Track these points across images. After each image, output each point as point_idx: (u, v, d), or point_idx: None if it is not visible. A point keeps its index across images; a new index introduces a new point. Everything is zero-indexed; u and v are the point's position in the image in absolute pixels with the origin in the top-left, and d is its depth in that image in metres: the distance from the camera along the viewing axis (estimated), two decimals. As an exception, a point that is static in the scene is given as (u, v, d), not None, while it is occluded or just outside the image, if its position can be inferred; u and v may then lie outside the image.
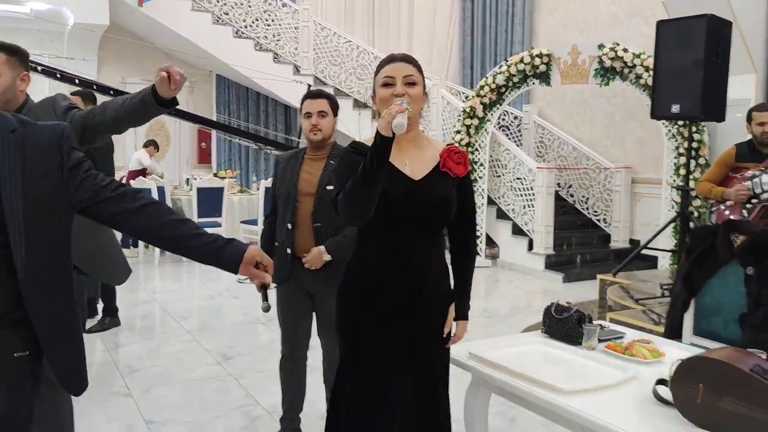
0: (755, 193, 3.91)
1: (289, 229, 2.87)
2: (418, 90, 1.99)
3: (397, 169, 2.01)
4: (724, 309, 3.12)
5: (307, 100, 2.91)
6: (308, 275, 2.86)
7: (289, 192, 2.89)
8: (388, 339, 2.04)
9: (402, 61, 2.01)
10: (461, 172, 2.07)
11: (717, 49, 5.04)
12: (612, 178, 8.07)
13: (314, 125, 2.85)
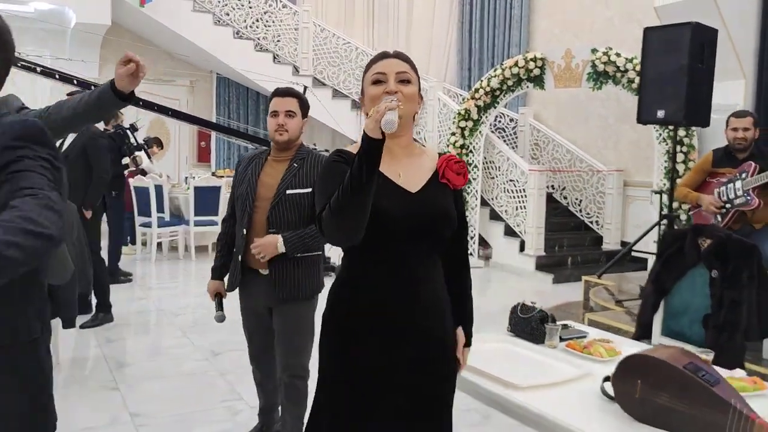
0: (728, 198, 3.99)
1: (243, 234, 2.71)
2: (413, 89, 1.77)
3: (390, 180, 1.77)
4: (691, 310, 3.22)
5: (274, 98, 2.75)
6: (264, 287, 2.70)
7: (247, 195, 2.72)
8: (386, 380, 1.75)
9: (395, 58, 1.79)
10: (461, 183, 1.87)
11: (702, 56, 5.13)
12: (604, 181, 8.15)
13: (280, 125, 2.68)
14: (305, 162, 2.74)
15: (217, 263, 2.91)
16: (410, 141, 1.86)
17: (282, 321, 2.76)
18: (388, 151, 1.69)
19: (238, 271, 2.77)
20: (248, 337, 2.94)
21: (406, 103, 1.72)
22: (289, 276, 2.69)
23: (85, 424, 3.33)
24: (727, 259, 3.07)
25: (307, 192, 2.68)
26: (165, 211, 8.06)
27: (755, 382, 2.16)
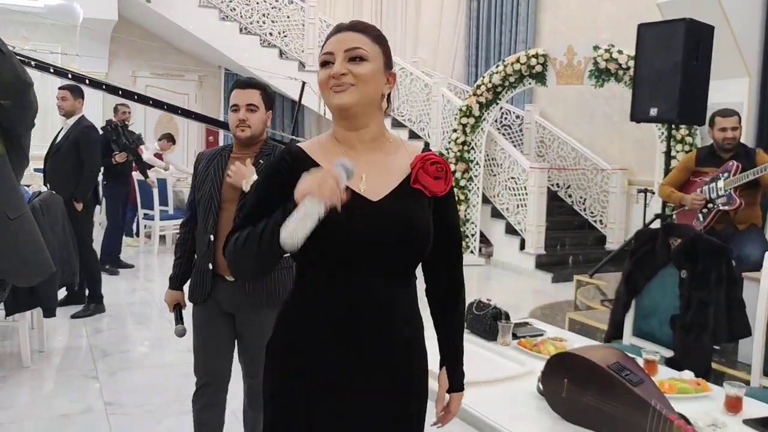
0: (711, 198, 3.93)
1: (211, 240, 2.45)
2: (368, 68, 1.42)
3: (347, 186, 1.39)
4: (660, 310, 3.19)
5: (234, 91, 2.51)
6: (229, 293, 2.48)
7: (211, 196, 2.48)
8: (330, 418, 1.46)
9: (348, 30, 1.45)
10: (440, 189, 1.48)
11: (697, 54, 5.05)
12: (608, 180, 8.06)
13: (242, 120, 2.46)
14: (270, 159, 2.48)
15: (176, 271, 2.64)
16: (378, 133, 1.49)
17: (252, 327, 2.54)
18: (349, 147, 1.47)
19: (208, 280, 2.48)
20: (204, 353, 2.59)
21: (360, 86, 1.41)
22: (262, 281, 2.47)
23: (61, 411, 3.40)
24: (697, 259, 3.04)
25: None
26: (168, 204, 8.15)
27: (698, 384, 2.14)
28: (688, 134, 6.57)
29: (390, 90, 1.49)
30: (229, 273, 2.44)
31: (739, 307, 2.97)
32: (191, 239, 2.60)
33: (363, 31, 1.46)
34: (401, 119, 9.32)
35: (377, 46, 1.46)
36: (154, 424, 3.33)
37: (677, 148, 6.60)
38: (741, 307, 2.97)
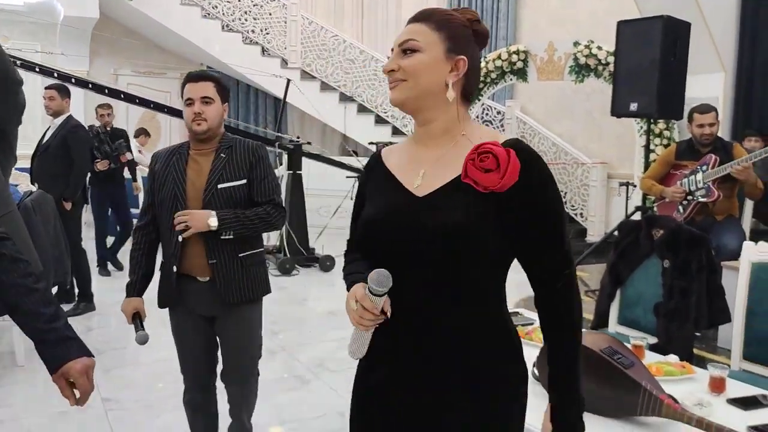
0: (690, 191, 4.07)
1: (179, 242, 2.38)
2: (416, 60, 1.34)
3: (395, 179, 1.40)
4: (644, 299, 3.31)
5: (187, 84, 2.41)
6: (200, 294, 2.44)
7: (175, 197, 2.39)
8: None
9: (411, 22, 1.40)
10: (491, 183, 1.27)
11: (674, 50, 5.19)
12: (588, 174, 8.22)
13: (197, 114, 2.36)
14: (233, 151, 2.46)
15: (135, 278, 2.52)
16: (448, 127, 1.38)
17: (230, 327, 2.52)
18: (421, 144, 1.41)
19: (173, 283, 2.44)
20: (187, 358, 2.61)
21: (410, 80, 1.34)
22: (234, 278, 2.44)
23: (59, 409, 3.42)
24: (678, 249, 3.16)
25: (241, 184, 2.44)
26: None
27: (683, 367, 2.25)
28: (666, 128, 6.73)
29: (456, 77, 1.35)
30: (198, 273, 2.42)
31: (719, 295, 3.09)
32: (148, 243, 2.51)
33: (424, 19, 1.38)
34: (384, 116, 9.40)
35: (437, 33, 1.35)
36: (153, 418, 3.38)
37: (656, 141, 6.77)
38: (721, 294, 3.09)
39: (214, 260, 2.41)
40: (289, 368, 4.16)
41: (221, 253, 2.41)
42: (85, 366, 1.47)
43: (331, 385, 3.88)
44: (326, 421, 3.39)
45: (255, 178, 2.48)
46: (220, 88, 2.45)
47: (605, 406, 1.87)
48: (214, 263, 2.41)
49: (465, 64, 1.35)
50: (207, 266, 2.41)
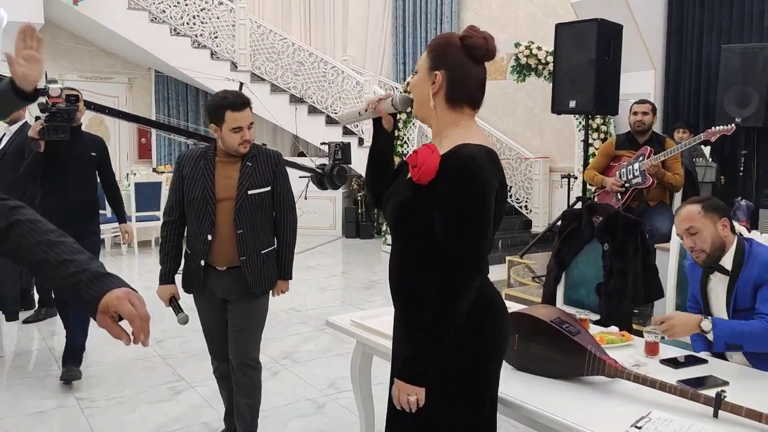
0: (628, 179, 4.43)
1: (208, 240, 2.70)
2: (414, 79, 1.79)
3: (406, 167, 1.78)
4: (587, 281, 3.62)
5: (233, 113, 2.62)
6: (220, 282, 2.77)
7: (205, 198, 2.68)
8: None
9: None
10: (414, 176, 1.65)
11: (608, 50, 5.56)
12: (532, 168, 8.60)
13: (246, 140, 2.68)
14: (258, 160, 2.76)
15: (166, 267, 2.82)
16: (438, 129, 1.74)
17: (241, 313, 2.81)
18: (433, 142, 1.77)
19: (200, 272, 2.74)
20: (212, 336, 2.92)
21: (412, 93, 1.79)
22: (259, 271, 2.78)
23: (35, 409, 3.51)
24: (616, 233, 3.48)
25: (266, 191, 2.76)
26: (106, 208, 8.13)
27: (623, 335, 2.54)
28: (603, 123, 7.14)
29: (435, 89, 1.70)
30: (221, 263, 2.75)
31: (653, 274, 3.43)
32: (176, 236, 2.82)
33: (427, 46, 1.78)
34: (335, 116, 9.58)
35: (427, 55, 1.74)
36: (129, 412, 3.51)
37: (594, 136, 7.16)
38: (654, 273, 3.43)
39: (244, 257, 2.73)
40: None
41: (250, 250, 2.74)
42: (125, 293, 1.30)
43: (299, 375, 4.07)
44: (297, 407, 3.58)
45: (278, 187, 2.82)
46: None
47: (556, 369, 2.13)
48: (245, 259, 2.73)
49: (441, 77, 1.68)
50: (232, 259, 2.73)
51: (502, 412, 1.94)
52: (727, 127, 4.17)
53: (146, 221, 8.21)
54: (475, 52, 1.71)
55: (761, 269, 2.27)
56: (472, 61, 1.71)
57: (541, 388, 2.08)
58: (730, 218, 2.40)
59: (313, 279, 6.86)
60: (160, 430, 3.32)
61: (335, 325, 2.81)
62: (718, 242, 2.36)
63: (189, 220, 2.77)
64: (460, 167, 1.60)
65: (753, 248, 2.34)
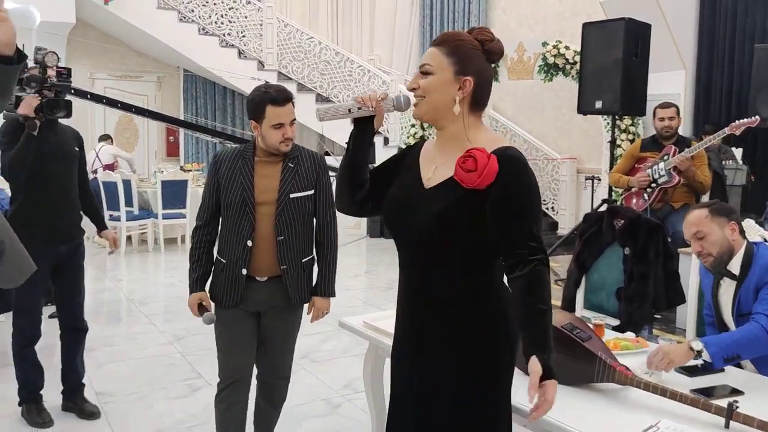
0: (654, 179, 4.35)
1: (248, 246, 2.48)
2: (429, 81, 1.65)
3: (418, 171, 1.73)
4: (607, 284, 3.56)
5: (275, 108, 2.42)
6: (258, 294, 2.55)
7: (244, 201, 2.47)
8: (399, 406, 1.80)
9: (431, 45, 1.70)
10: (470, 181, 1.57)
11: (636, 50, 5.47)
12: (558, 169, 8.50)
13: (288, 138, 2.47)
14: (299, 161, 2.56)
15: (197, 274, 2.60)
16: (457, 134, 1.67)
17: (278, 324, 2.64)
18: (438, 146, 1.72)
19: (241, 284, 2.52)
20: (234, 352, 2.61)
21: (426, 97, 1.65)
22: (298, 281, 2.60)
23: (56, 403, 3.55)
24: (637, 237, 3.41)
25: (309, 195, 2.56)
26: (134, 205, 8.26)
27: (638, 342, 2.49)
28: (631, 124, 7.03)
29: (464, 95, 1.63)
30: (261, 274, 2.53)
31: (675, 278, 3.36)
32: (208, 243, 2.59)
33: (439, 44, 1.67)
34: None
35: (448, 57, 1.64)
36: (147, 408, 3.54)
37: (622, 137, 7.06)
38: (676, 278, 3.36)
39: (284, 266, 2.53)
40: (274, 360, 4.35)
41: (291, 258, 2.54)
42: None
43: (317, 375, 4.07)
44: (312, 407, 3.59)
45: (321, 191, 2.62)
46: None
47: (566, 375, 2.08)
48: (285, 268, 2.53)
49: (471, 83, 1.64)
50: (271, 268, 2.52)
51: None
52: (752, 119, 4.08)
53: (172, 219, 8.31)
54: (494, 57, 1.71)
55: (762, 271, 2.21)
56: (489, 64, 1.71)
57: (550, 395, 2.04)
58: (739, 222, 2.34)
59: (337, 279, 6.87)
60: (177, 426, 3.35)
61: (348, 326, 2.80)
62: (726, 246, 2.30)
63: (224, 225, 2.55)
64: (522, 168, 1.61)
65: (759, 251, 2.28)
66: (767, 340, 2.09)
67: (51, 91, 3.19)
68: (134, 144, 10.70)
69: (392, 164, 1.84)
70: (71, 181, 3.39)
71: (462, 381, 1.68)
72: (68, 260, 3.36)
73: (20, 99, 3.17)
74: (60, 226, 3.30)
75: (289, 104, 2.47)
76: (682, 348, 2.14)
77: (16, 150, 3.13)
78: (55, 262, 3.31)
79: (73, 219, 3.41)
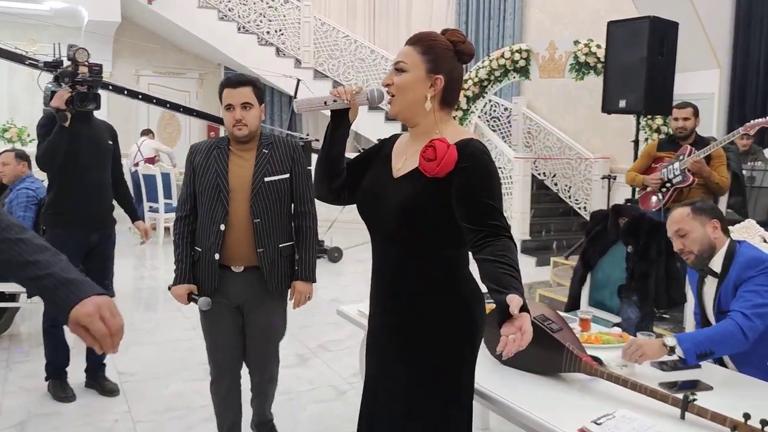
0: (668, 178, 4.33)
1: (221, 230, 2.49)
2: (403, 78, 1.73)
3: (390, 163, 1.82)
4: (611, 282, 3.59)
5: (225, 90, 2.50)
6: (236, 284, 2.56)
7: (218, 187, 2.49)
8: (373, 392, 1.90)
9: (406, 44, 1.77)
10: (430, 170, 1.66)
11: (661, 49, 5.42)
12: (591, 168, 8.44)
13: (238, 120, 2.48)
14: (274, 147, 2.60)
15: (182, 267, 2.59)
16: (428, 129, 1.75)
17: (258, 317, 2.64)
18: (411, 139, 1.81)
19: (215, 272, 2.52)
20: (219, 345, 2.68)
21: (398, 95, 1.73)
22: (276, 267, 2.59)
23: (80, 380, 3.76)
24: (640, 235, 3.44)
25: (284, 178, 2.58)
26: (172, 198, 8.56)
27: (621, 336, 2.53)
28: (663, 124, 6.92)
29: (434, 92, 1.71)
30: (236, 263, 2.54)
31: (676, 277, 3.37)
32: (191, 233, 2.59)
33: (413, 42, 1.75)
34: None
35: (421, 56, 1.71)
36: (162, 388, 3.74)
37: (653, 137, 6.96)
38: (678, 277, 3.36)
39: (261, 249, 2.53)
40: (291, 347, 4.50)
41: (268, 242, 2.54)
42: (95, 306, 1.22)
43: (327, 362, 4.21)
44: (318, 393, 3.72)
45: (297, 175, 2.63)
46: (257, 91, 2.55)
47: (536, 365, 2.16)
48: (262, 252, 2.53)
49: (442, 81, 1.72)
50: (248, 255, 2.53)
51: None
52: (766, 119, 4.02)
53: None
54: (465, 58, 1.79)
55: (740, 269, 2.23)
56: (460, 64, 1.79)
57: (518, 382, 2.12)
58: (722, 220, 2.36)
59: (360, 272, 6.99)
60: (190, 405, 3.53)
61: (344, 314, 2.92)
62: (707, 244, 2.33)
63: (200, 212, 2.56)
64: (481, 156, 1.68)
65: (740, 249, 2.30)
66: (741, 337, 2.11)
67: (83, 85, 3.40)
68: (176, 139, 11.05)
69: (368, 156, 1.93)
70: (104, 173, 3.58)
71: (425, 369, 1.76)
72: (99, 247, 3.58)
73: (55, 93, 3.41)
74: (92, 215, 3.50)
75: (242, 87, 2.49)
76: (655, 343, 2.18)
77: (48, 141, 3.36)
78: (87, 249, 3.53)
79: (105, 208, 3.60)
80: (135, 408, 3.48)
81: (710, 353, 2.18)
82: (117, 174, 3.71)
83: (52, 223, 3.49)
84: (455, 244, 1.73)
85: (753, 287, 2.14)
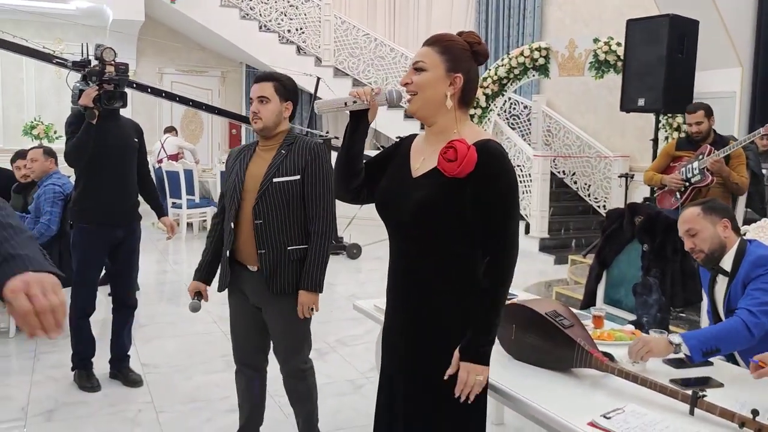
0: (687, 178, 4.33)
1: (231, 228, 2.58)
2: (422, 77, 1.76)
3: (406, 162, 1.86)
4: (627, 280, 3.62)
5: (253, 85, 2.62)
6: (251, 284, 2.61)
7: (235, 188, 2.59)
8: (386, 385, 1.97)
9: (423, 45, 1.81)
10: (450, 170, 1.69)
11: (681, 47, 5.41)
12: (611, 167, 8.42)
13: (254, 113, 2.56)
14: (292, 148, 2.59)
15: (201, 261, 2.77)
16: (445, 128, 1.79)
17: (276, 318, 2.64)
18: (428, 138, 1.84)
19: (227, 268, 2.62)
20: (238, 339, 2.78)
21: (419, 93, 1.76)
22: (281, 269, 2.57)
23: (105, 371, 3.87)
24: (655, 234, 3.46)
25: (295, 179, 2.55)
26: (195, 194, 8.70)
27: (633, 333, 2.57)
28: (683, 122, 6.89)
29: (454, 90, 1.76)
30: (250, 262, 2.58)
31: (692, 276, 3.38)
32: (219, 231, 2.71)
33: (431, 43, 1.79)
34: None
35: (440, 56, 1.76)
36: (185, 380, 3.83)
37: (674, 135, 6.94)
38: (693, 275, 3.38)
39: (263, 250, 2.55)
40: (309, 342, 4.58)
41: (270, 244, 2.55)
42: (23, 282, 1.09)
43: (345, 357, 4.28)
44: (335, 387, 3.79)
45: (309, 177, 2.58)
46: (281, 87, 2.57)
47: (548, 360, 2.21)
48: (263, 253, 2.55)
49: (461, 80, 1.77)
50: (254, 256, 2.56)
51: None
52: None
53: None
54: (481, 59, 1.84)
55: (749, 267, 2.25)
56: (476, 65, 1.85)
57: (531, 378, 2.16)
58: (732, 219, 2.38)
59: (378, 269, 7.06)
60: (211, 396, 3.62)
61: (361, 309, 2.97)
62: (717, 243, 2.35)
63: (225, 213, 2.68)
64: (498, 158, 1.73)
65: (750, 248, 2.32)
66: (746, 334, 2.14)
67: (110, 84, 3.50)
68: (199, 136, 11.20)
69: (386, 155, 1.97)
70: (130, 170, 3.67)
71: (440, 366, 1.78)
72: (124, 243, 3.69)
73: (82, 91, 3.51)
74: (117, 211, 3.61)
75: (264, 83, 2.56)
76: (661, 340, 2.21)
77: (76, 138, 3.46)
78: (113, 244, 3.65)
79: (130, 204, 3.70)
80: (158, 399, 3.57)
81: (716, 350, 2.21)
82: (143, 171, 3.80)
83: (78, 219, 3.60)
84: (470, 243, 1.77)
85: (761, 285, 2.16)
